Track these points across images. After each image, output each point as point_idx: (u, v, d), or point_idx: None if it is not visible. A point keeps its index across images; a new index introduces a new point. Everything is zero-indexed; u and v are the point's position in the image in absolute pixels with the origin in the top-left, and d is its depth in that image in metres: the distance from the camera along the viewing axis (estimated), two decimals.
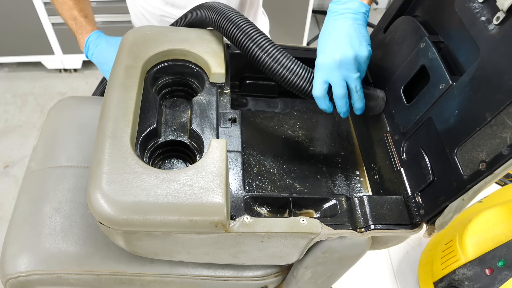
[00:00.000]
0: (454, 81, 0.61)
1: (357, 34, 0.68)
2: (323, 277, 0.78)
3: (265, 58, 0.69)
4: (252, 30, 0.69)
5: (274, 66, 0.69)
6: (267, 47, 0.69)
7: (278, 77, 0.70)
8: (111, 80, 0.68)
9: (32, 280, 0.71)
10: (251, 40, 0.69)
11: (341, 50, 0.67)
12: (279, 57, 0.69)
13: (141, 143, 0.65)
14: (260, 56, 0.69)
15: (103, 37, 0.96)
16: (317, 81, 0.69)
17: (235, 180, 0.70)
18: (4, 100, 2.07)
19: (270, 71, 0.70)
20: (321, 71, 0.69)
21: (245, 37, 0.69)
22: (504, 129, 0.51)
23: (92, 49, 0.95)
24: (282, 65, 0.69)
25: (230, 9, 0.73)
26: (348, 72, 0.68)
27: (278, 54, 0.69)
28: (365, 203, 0.67)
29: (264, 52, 0.69)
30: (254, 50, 0.69)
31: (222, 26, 0.71)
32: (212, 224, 0.58)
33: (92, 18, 1.01)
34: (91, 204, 0.57)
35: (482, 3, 0.58)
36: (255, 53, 0.69)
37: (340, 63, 0.67)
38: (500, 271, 1.19)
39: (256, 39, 0.69)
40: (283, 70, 0.69)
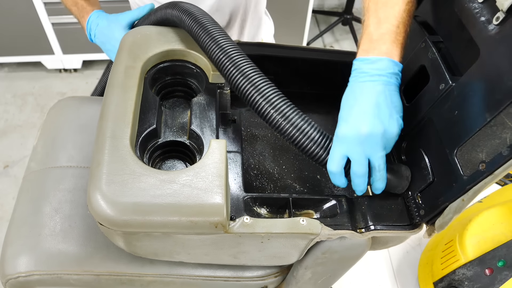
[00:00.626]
0: (454, 82, 0.61)
1: (388, 104, 0.59)
2: (323, 277, 0.78)
3: (274, 115, 0.60)
4: (250, 70, 0.62)
5: (284, 125, 0.60)
6: (273, 98, 0.60)
7: (288, 138, 0.61)
8: (111, 80, 0.68)
9: (32, 280, 0.71)
10: (254, 88, 0.60)
11: (368, 123, 0.58)
12: (290, 114, 0.59)
13: (140, 143, 0.65)
14: (267, 112, 0.60)
15: (103, 15, 0.92)
16: (335, 154, 0.60)
17: (235, 180, 0.70)
18: (4, 100, 2.07)
19: (277, 129, 0.61)
20: (342, 144, 0.60)
21: (246, 81, 0.61)
22: (504, 129, 0.51)
23: (94, 29, 0.91)
24: (294, 125, 0.60)
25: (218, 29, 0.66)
26: (373, 149, 0.59)
27: (288, 110, 0.60)
28: (365, 203, 0.67)
29: (270, 105, 0.60)
30: (259, 102, 0.60)
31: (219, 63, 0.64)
32: (212, 225, 0.58)
33: (94, 1, 0.98)
34: (91, 204, 0.57)
35: (481, 3, 0.58)
36: (261, 106, 0.60)
37: (366, 138, 0.58)
38: (500, 271, 1.19)
39: (258, 84, 0.60)
40: (294, 131, 0.60)
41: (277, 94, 0.61)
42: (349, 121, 0.59)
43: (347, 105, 0.61)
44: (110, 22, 0.89)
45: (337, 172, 0.61)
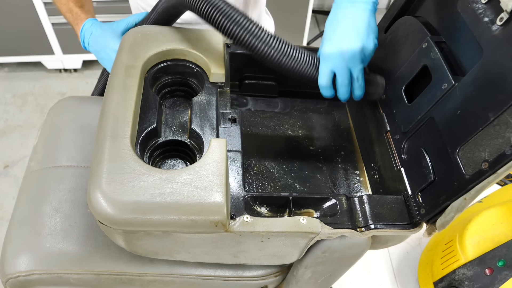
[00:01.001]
0: (456, 81, 0.61)
1: (365, 25, 0.68)
2: (323, 276, 0.78)
3: (266, 49, 0.68)
4: (247, 22, 0.67)
5: (277, 57, 0.68)
6: (264, 36, 0.68)
7: (283, 67, 0.69)
8: (111, 80, 0.68)
9: (32, 279, 0.71)
10: (248, 32, 0.67)
11: (348, 41, 0.67)
12: (280, 46, 0.68)
13: (141, 142, 0.65)
14: (259, 47, 0.68)
15: (97, 24, 0.92)
16: (323, 71, 0.69)
17: (235, 179, 0.70)
18: (4, 100, 2.06)
19: (273, 61, 0.69)
20: (327, 61, 0.69)
21: (241, 29, 0.67)
22: (507, 129, 0.51)
23: (87, 37, 0.92)
24: (285, 54, 0.68)
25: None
26: (353, 63, 0.69)
27: (278, 44, 0.68)
28: (365, 202, 0.67)
29: (263, 42, 0.67)
30: (252, 42, 0.67)
31: (210, 16, 0.68)
32: (212, 224, 0.58)
33: (89, 8, 0.98)
34: (91, 203, 0.57)
35: (485, 4, 0.58)
36: (253, 44, 0.67)
37: (347, 54, 0.67)
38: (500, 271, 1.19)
39: (252, 30, 0.67)
40: (287, 59, 0.68)
41: (262, 31, 0.68)
42: (332, 41, 0.69)
43: (331, 27, 0.70)
44: (104, 30, 0.90)
45: (326, 85, 0.71)
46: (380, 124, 0.77)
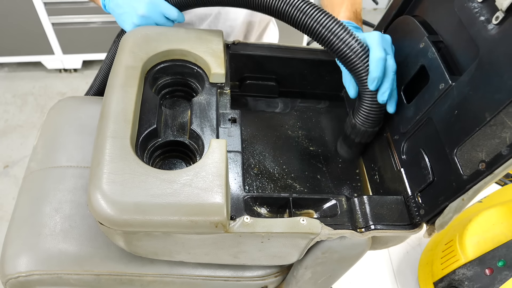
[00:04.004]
0: (453, 81, 0.61)
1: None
2: (323, 277, 0.78)
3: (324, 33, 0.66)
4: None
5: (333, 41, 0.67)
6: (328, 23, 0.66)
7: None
8: (111, 80, 0.68)
9: (32, 280, 0.71)
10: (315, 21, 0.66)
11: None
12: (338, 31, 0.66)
13: (141, 143, 0.65)
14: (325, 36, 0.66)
15: None
16: (377, 57, 0.68)
17: (235, 180, 0.70)
18: (4, 100, 2.07)
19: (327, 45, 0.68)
20: (380, 44, 0.68)
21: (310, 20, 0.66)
22: (503, 129, 0.51)
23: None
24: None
25: None
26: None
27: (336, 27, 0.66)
28: (365, 203, 0.67)
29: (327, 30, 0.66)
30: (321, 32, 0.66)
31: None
32: (212, 224, 0.58)
33: None
34: (91, 204, 0.57)
35: (481, 3, 0.58)
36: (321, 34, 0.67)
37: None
38: (500, 271, 1.19)
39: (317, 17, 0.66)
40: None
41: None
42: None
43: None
44: None
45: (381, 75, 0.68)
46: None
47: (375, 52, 0.67)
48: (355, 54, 0.67)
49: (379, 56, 0.67)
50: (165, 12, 0.76)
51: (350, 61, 0.68)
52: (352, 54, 0.67)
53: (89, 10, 1.87)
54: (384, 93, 0.69)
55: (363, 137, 0.75)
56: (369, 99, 0.70)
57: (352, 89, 0.73)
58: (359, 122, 0.73)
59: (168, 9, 0.76)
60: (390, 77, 0.69)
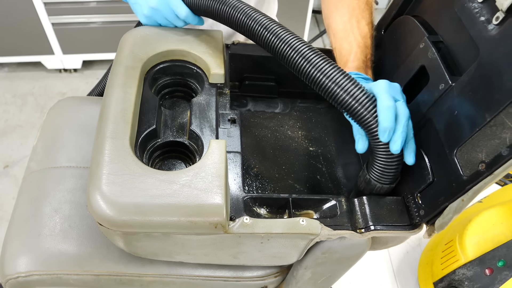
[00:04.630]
0: (453, 82, 0.61)
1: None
2: (323, 277, 0.78)
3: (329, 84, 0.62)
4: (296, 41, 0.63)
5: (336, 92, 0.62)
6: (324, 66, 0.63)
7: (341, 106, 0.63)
8: (111, 80, 0.68)
9: (32, 280, 0.71)
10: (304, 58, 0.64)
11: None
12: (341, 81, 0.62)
13: (140, 143, 0.65)
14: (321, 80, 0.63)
15: None
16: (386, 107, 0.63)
17: (235, 181, 0.70)
18: (4, 100, 2.06)
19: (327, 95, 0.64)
20: (388, 93, 0.64)
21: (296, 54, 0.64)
22: (503, 129, 0.51)
23: None
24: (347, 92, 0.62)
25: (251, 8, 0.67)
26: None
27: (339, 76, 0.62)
28: (365, 203, 0.67)
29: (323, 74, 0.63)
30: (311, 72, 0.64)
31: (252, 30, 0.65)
32: (211, 225, 0.58)
33: None
34: (91, 205, 0.57)
35: (481, 3, 0.58)
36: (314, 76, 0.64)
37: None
38: (500, 271, 1.19)
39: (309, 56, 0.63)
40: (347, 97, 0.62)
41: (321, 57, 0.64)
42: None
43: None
44: None
45: (392, 126, 0.63)
46: None
47: (383, 101, 0.62)
48: (361, 106, 0.61)
49: (387, 104, 0.61)
50: (174, 8, 0.74)
51: (357, 113, 0.62)
52: (358, 106, 0.61)
53: (89, 10, 1.87)
54: (396, 142, 0.62)
55: (378, 194, 0.69)
56: (383, 152, 0.64)
57: (361, 144, 0.67)
58: (374, 177, 0.66)
59: (178, 6, 0.74)
60: (402, 125, 0.62)
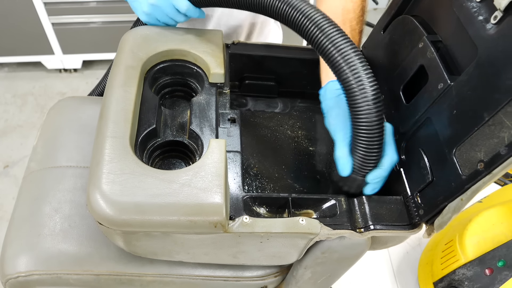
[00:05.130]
0: (452, 81, 0.61)
1: None
2: (322, 277, 0.78)
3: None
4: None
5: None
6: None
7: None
8: (111, 80, 0.68)
9: (32, 280, 0.71)
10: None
11: None
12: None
13: (140, 143, 0.65)
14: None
15: None
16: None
17: (235, 180, 0.70)
18: (4, 100, 2.07)
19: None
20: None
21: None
22: (502, 128, 0.51)
23: None
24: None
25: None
26: None
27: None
28: (364, 203, 0.67)
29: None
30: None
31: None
32: (211, 224, 0.58)
33: None
34: (90, 204, 0.57)
35: (479, 3, 0.58)
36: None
37: None
38: (500, 271, 1.19)
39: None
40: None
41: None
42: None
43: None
44: None
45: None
46: None
47: (392, 155, 0.66)
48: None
49: (394, 160, 0.66)
50: (175, 3, 0.74)
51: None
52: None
53: (89, 10, 1.87)
54: (375, 189, 0.68)
55: (351, 187, 0.69)
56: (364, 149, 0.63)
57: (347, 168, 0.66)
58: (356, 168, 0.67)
59: (178, 0, 0.73)
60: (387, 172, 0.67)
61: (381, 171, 0.65)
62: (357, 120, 0.61)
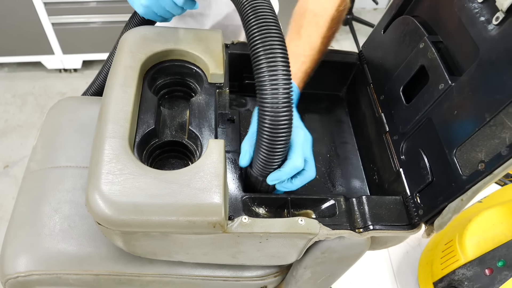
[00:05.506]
0: (453, 82, 0.61)
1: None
2: (322, 277, 0.78)
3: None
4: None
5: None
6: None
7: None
8: (110, 80, 0.68)
9: (31, 280, 0.71)
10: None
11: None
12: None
13: (139, 143, 0.65)
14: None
15: None
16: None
17: (234, 180, 0.70)
18: (4, 100, 2.07)
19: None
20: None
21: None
22: (503, 129, 0.51)
23: None
24: None
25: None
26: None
27: None
28: (363, 203, 0.67)
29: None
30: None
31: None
32: (210, 225, 0.58)
33: None
34: (90, 204, 0.57)
35: (481, 3, 0.58)
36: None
37: None
38: (500, 271, 1.19)
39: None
40: None
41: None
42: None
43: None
44: None
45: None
46: (379, 125, 0.77)
47: (295, 161, 0.64)
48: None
49: (297, 165, 0.64)
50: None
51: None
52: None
53: (89, 10, 1.87)
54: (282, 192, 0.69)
55: (259, 186, 0.69)
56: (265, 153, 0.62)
57: (246, 159, 0.67)
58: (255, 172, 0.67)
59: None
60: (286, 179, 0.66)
61: (280, 173, 0.64)
62: (262, 119, 0.60)
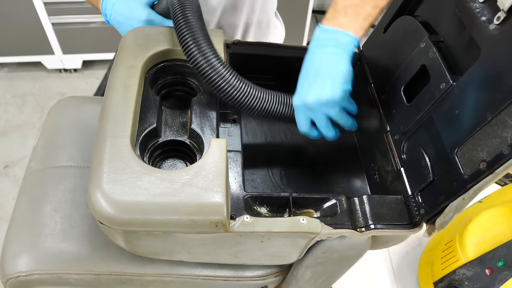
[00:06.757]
0: (454, 81, 0.61)
1: (331, 73, 0.66)
2: (323, 276, 0.78)
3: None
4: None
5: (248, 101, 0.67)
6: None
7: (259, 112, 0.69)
8: (111, 79, 0.68)
9: (32, 280, 0.71)
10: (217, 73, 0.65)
11: (312, 93, 0.66)
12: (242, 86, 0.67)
13: (141, 143, 0.65)
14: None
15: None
16: (298, 120, 0.70)
17: (235, 179, 0.70)
18: (4, 100, 2.07)
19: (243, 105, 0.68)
20: (298, 112, 0.69)
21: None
22: (504, 128, 0.51)
23: (109, 9, 0.84)
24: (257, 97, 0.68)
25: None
26: (332, 110, 0.68)
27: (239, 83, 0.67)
28: (365, 202, 0.67)
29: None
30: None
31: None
32: (212, 224, 0.58)
33: None
34: (91, 203, 0.57)
35: (482, 3, 0.58)
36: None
37: (313, 106, 0.67)
38: (500, 271, 1.19)
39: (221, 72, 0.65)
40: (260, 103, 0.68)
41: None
42: (299, 93, 0.68)
43: (301, 75, 0.69)
44: (127, 0, 0.82)
45: (308, 131, 0.71)
46: (380, 124, 0.77)
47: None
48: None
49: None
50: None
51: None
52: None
53: (89, 10, 1.87)
54: (329, 136, 0.72)
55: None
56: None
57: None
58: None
59: (163, 24, 0.78)
60: (322, 131, 0.71)
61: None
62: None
